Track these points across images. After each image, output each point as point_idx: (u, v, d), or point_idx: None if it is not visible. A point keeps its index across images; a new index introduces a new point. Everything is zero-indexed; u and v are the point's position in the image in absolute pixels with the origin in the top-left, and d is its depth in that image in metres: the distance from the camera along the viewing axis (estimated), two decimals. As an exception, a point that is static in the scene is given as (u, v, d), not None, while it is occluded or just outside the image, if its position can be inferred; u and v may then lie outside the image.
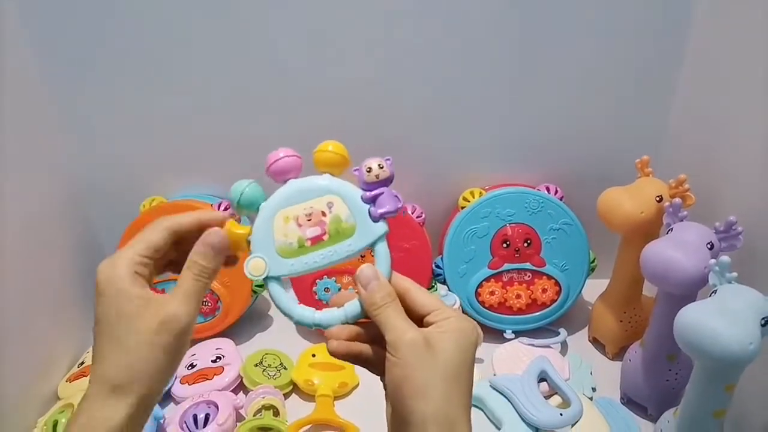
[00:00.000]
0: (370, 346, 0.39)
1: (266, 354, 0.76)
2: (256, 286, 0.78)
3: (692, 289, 0.55)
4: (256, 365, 0.73)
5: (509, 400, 0.66)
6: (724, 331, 0.43)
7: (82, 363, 0.75)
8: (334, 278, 0.77)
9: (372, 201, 0.39)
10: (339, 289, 0.77)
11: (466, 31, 0.72)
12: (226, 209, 0.78)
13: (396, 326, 0.35)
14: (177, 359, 0.36)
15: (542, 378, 0.68)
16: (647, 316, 0.67)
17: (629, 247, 0.68)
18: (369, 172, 0.40)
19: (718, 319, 0.44)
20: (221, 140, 0.79)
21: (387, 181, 0.40)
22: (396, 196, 0.40)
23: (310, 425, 0.67)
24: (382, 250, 0.39)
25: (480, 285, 0.77)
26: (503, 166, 0.82)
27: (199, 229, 0.38)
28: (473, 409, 0.68)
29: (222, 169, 0.82)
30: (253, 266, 0.39)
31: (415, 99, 0.77)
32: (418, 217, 0.78)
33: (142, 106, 0.77)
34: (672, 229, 0.58)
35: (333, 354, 0.38)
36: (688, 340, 0.46)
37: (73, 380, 0.71)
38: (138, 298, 0.35)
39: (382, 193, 0.40)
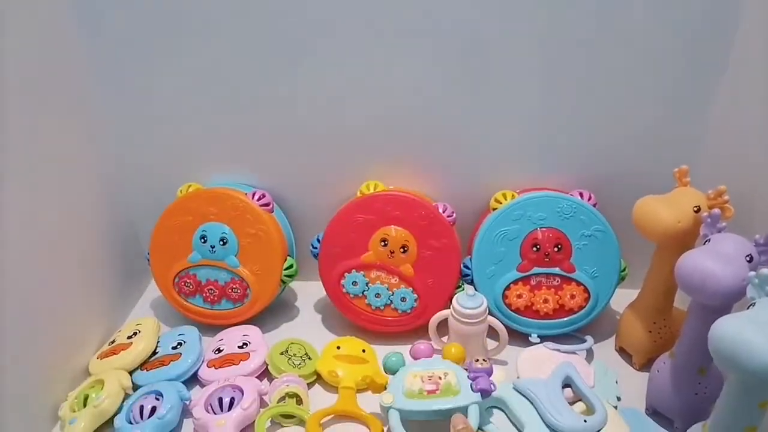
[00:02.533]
0: None
1: (292, 343, 0.76)
2: (285, 276, 0.79)
3: (728, 301, 0.54)
4: (282, 354, 0.74)
5: (532, 404, 0.65)
6: (762, 345, 0.42)
7: (113, 341, 0.77)
8: (362, 272, 0.77)
9: (474, 379, 0.61)
10: (367, 283, 0.78)
11: (502, 31, 0.72)
12: (259, 199, 0.79)
13: None
14: None
15: (567, 384, 0.68)
16: (677, 329, 0.66)
17: (663, 257, 0.67)
18: (476, 361, 0.63)
19: (755, 332, 0.43)
20: (260, 131, 0.80)
21: (488, 371, 0.62)
22: (492, 383, 0.61)
23: (331, 416, 0.67)
24: (474, 410, 0.60)
25: (508, 287, 0.76)
26: (537, 169, 0.81)
27: None
28: (494, 410, 0.68)
29: (259, 159, 0.83)
30: (384, 398, 0.61)
31: (450, 99, 0.77)
32: (449, 216, 0.78)
33: (185, 92, 0.78)
34: (709, 240, 0.58)
35: None
36: (722, 352, 0.45)
37: (104, 358, 0.73)
38: None
39: (481, 376, 0.61)
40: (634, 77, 0.74)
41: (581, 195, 0.77)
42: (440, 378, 0.61)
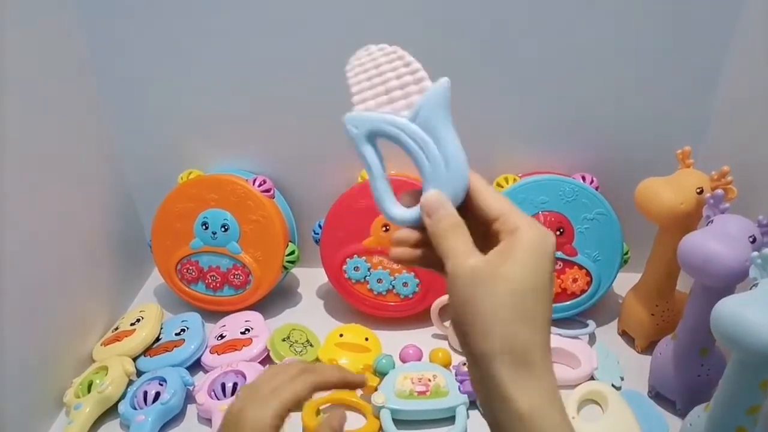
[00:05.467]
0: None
1: (294, 329, 0.77)
2: (287, 262, 0.79)
3: (731, 282, 0.53)
4: (284, 340, 0.74)
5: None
6: (765, 324, 0.42)
7: (117, 328, 0.77)
8: (364, 258, 0.77)
9: (462, 382, 0.65)
10: (369, 268, 0.78)
11: (503, 9, 0.71)
12: (260, 185, 0.79)
13: (457, 252, 0.33)
14: None
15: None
16: (680, 311, 0.66)
17: (666, 239, 0.67)
18: (464, 365, 0.67)
19: (758, 312, 0.43)
20: (261, 116, 0.80)
21: None
22: None
23: (329, 404, 0.68)
24: (462, 411, 0.63)
25: (510, 272, 0.76)
26: (539, 152, 0.81)
27: (343, 386, 0.43)
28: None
29: (260, 145, 0.83)
30: (376, 397, 0.63)
31: (452, 82, 0.76)
32: (450, 200, 0.77)
33: (186, 79, 0.78)
34: (712, 221, 0.57)
35: (396, 259, 0.37)
36: (725, 331, 0.45)
37: (108, 344, 0.73)
38: None
39: (468, 379, 0.63)
40: (637, 60, 0.73)
41: (583, 178, 0.77)
42: (429, 380, 0.65)
